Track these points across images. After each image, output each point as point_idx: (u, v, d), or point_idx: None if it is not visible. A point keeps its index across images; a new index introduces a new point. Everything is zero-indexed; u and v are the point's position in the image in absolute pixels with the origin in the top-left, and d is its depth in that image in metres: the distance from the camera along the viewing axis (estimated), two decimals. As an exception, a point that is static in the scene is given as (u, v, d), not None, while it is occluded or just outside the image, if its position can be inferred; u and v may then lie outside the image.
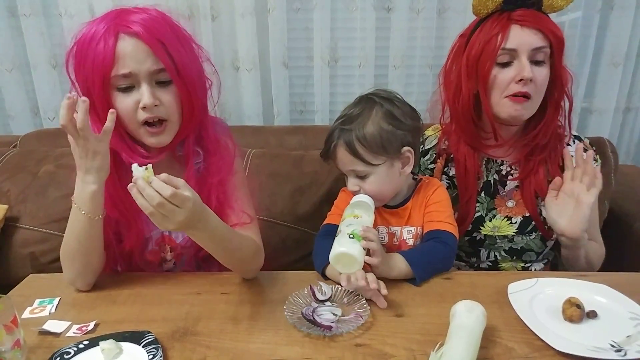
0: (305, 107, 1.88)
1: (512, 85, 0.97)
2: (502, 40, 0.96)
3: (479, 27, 1.00)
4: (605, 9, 1.72)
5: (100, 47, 0.80)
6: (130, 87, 0.83)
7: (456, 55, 1.05)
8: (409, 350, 0.73)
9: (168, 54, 0.82)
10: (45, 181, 1.45)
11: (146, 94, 0.82)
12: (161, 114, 0.85)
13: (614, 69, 1.78)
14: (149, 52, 0.81)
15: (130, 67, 0.81)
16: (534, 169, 1.08)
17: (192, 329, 0.80)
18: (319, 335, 0.77)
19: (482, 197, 1.12)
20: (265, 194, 1.44)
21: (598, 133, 1.73)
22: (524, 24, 0.95)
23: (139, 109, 0.83)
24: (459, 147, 1.10)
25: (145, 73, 0.82)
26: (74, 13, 1.68)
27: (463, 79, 1.02)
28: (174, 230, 0.78)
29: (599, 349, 0.70)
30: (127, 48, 0.81)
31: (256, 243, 0.95)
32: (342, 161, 0.98)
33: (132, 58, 0.81)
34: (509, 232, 1.11)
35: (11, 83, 1.79)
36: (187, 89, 0.86)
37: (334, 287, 0.89)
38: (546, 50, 0.97)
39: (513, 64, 0.97)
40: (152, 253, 1.01)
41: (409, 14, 1.71)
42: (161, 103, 0.85)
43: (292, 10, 1.73)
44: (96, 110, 0.84)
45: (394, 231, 1.04)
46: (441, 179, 1.16)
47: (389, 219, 1.05)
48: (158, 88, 0.85)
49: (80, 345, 0.74)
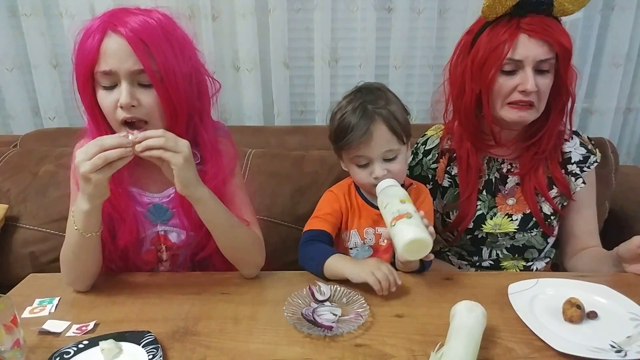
0: (305, 107, 1.89)
1: (515, 93, 0.98)
2: (509, 50, 0.95)
3: (486, 28, 0.99)
4: (606, 10, 1.73)
5: (88, 42, 0.81)
6: (113, 86, 0.84)
7: (462, 53, 1.05)
8: (409, 351, 0.73)
9: (151, 56, 0.81)
10: (46, 181, 1.45)
11: (124, 93, 0.82)
12: (140, 114, 0.85)
13: (615, 70, 1.78)
14: (131, 52, 0.81)
15: (110, 65, 0.81)
16: (534, 165, 1.08)
17: (192, 328, 0.80)
18: (319, 335, 0.77)
19: (484, 195, 1.13)
20: (266, 194, 1.44)
21: (599, 133, 1.73)
22: (532, 35, 0.94)
23: (118, 107, 0.84)
24: (462, 144, 1.11)
25: (125, 72, 0.82)
26: (74, 13, 1.68)
27: (467, 79, 1.02)
28: (190, 180, 0.82)
29: (599, 350, 0.70)
30: (111, 46, 0.81)
31: (255, 233, 0.98)
32: (378, 142, 0.96)
33: (113, 56, 0.81)
34: (510, 229, 1.11)
35: (12, 83, 1.79)
36: (168, 94, 0.85)
37: (333, 287, 0.89)
38: (552, 61, 0.97)
39: (517, 73, 0.97)
40: (148, 253, 1.01)
41: (410, 14, 1.72)
42: (140, 104, 0.84)
43: (293, 11, 1.73)
44: (86, 106, 0.86)
45: (380, 232, 1.04)
46: (444, 178, 1.16)
47: (377, 220, 1.03)
48: (139, 89, 0.84)
49: (80, 345, 0.74)
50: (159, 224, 0.98)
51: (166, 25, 0.86)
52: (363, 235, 1.05)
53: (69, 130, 1.65)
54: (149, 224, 0.98)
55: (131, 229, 0.95)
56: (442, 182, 1.16)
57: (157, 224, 0.98)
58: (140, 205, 0.97)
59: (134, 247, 0.98)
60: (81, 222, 0.83)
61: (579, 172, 1.09)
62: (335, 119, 1.01)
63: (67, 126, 1.81)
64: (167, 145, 0.78)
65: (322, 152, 1.50)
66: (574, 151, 1.10)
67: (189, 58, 0.89)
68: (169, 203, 0.98)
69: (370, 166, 0.98)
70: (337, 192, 1.08)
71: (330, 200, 1.07)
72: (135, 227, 0.96)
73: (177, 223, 0.98)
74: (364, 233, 1.05)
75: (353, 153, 0.98)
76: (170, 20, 0.88)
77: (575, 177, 1.09)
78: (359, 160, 0.99)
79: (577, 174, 1.09)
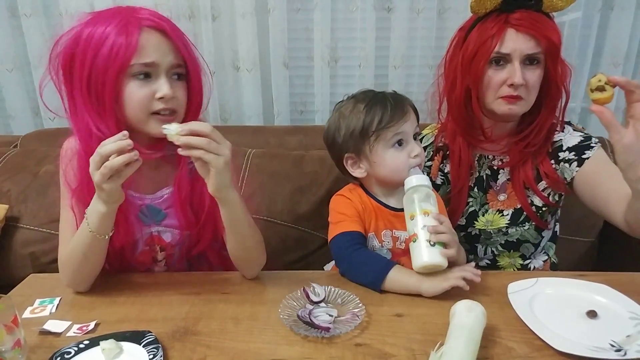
0: (305, 107, 1.89)
1: (504, 87, 0.99)
2: (496, 44, 0.97)
3: (477, 24, 1.00)
4: (606, 9, 1.72)
5: (121, 38, 0.81)
6: (147, 77, 0.85)
7: (455, 49, 1.06)
8: (409, 350, 0.73)
9: (187, 51, 0.88)
10: (46, 181, 1.45)
11: (166, 85, 0.85)
12: (175, 106, 0.88)
13: (614, 69, 1.78)
14: (172, 46, 0.85)
15: (153, 57, 0.83)
16: (522, 159, 1.08)
17: (193, 328, 0.80)
18: (316, 337, 0.77)
19: (475, 192, 1.13)
20: (265, 194, 1.44)
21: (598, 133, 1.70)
22: (520, 29, 0.95)
23: (155, 100, 0.85)
24: (455, 139, 1.12)
25: (167, 65, 0.85)
26: (74, 13, 1.68)
27: (458, 75, 1.03)
28: (225, 182, 0.81)
29: (599, 349, 0.70)
30: (152, 40, 0.84)
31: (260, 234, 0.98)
32: (412, 119, 0.97)
33: (156, 49, 0.84)
34: (501, 224, 1.11)
35: (12, 83, 1.79)
36: (195, 87, 0.91)
37: (327, 287, 0.88)
38: (539, 56, 0.98)
39: (506, 67, 0.98)
40: (143, 254, 1.01)
41: (409, 14, 1.72)
42: (175, 96, 0.87)
43: (293, 11, 1.74)
44: (102, 100, 0.85)
45: (398, 235, 1.00)
46: (437, 175, 1.16)
47: (394, 222, 1.00)
48: (174, 82, 0.88)
49: (81, 345, 0.74)
50: (152, 224, 0.98)
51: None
52: (381, 238, 1.00)
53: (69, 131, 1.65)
54: (142, 225, 0.98)
55: (126, 231, 0.95)
56: (436, 180, 1.17)
57: (150, 224, 0.98)
58: (133, 207, 0.96)
59: (129, 248, 0.98)
60: (96, 224, 0.83)
61: (573, 157, 1.05)
62: (353, 115, 0.97)
63: (68, 126, 1.80)
64: (209, 147, 0.76)
65: (322, 152, 1.49)
66: (569, 137, 1.07)
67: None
68: (162, 204, 0.98)
69: (408, 145, 0.96)
70: (348, 195, 1.02)
71: (346, 204, 1.00)
72: (129, 228, 0.95)
73: (171, 223, 0.98)
74: (382, 236, 1.00)
75: (394, 131, 0.94)
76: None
77: (569, 162, 1.05)
78: (400, 138, 0.95)
79: (571, 159, 1.05)
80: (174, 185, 0.97)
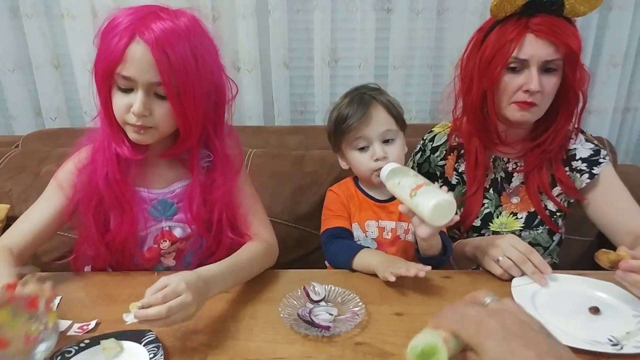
0: (305, 108, 1.89)
1: (519, 93, 0.98)
2: (515, 49, 0.95)
3: (496, 26, 0.99)
4: (604, 9, 1.73)
5: (114, 42, 0.81)
6: (129, 89, 0.85)
7: (472, 50, 1.05)
8: (409, 349, 0.74)
9: (172, 70, 0.81)
10: (47, 181, 1.44)
11: (138, 102, 0.83)
12: (148, 123, 0.86)
13: (613, 69, 1.79)
14: (153, 64, 0.80)
15: (131, 72, 0.82)
16: (538, 164, 1.08)
17: (193, 327, 0.80)
18: (317, 336, 0.77)
19: (490, 193, 1.13)
20: (266, 194, 1.44)
21: (597, 133, 1.73)
22: (539, 35, 0.94)
23: (130, 112, 0.85)
24: (471, 140, 1.11)
25: (144, 82, 0.83)
26: (75, 14, 1.69)
27: (475, 76, 1.03)
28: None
29: (595, 342, 0.70)
30: (136, 53, 0.81)
31: (264, 246, 0.99)
32: (377, 121, 0.99)
33: (136, 64, 0.81)
34: (515, 227, 1.11)
35: (13, 83, 1.79)
36: (183, 108, 0.85)
37: (327, 286, 0.89)
38: (558, 62, 0.97)
39: (523, 72, 0.97)
40: (150, 251, 1.00)
41: (409, 14, 1.72)
42: (151, 114, 0.85)
43: (293, 11, 1.74)
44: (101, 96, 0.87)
45: (383, 225, 1.05)
46: (452, 175, 1.16)
47: (379, 213, 1.07)
48: (154, 99, 0.85)
49: (82, 344, 0.74)
50: (163, 219, 0.99)
51: (193, 33, 0.85)
52: (364, 228, 1.06)
53: (71, 131, 1.65)
54: (153, 220, 0.98)
55: (132, 219, 0.94)
56: (451, 180, 1.17)
57: (161, 219, 0.99)
58: (145, 203, 0.97)
59: (134, 243, 0.98)
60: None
61: (585, 168, 1.08)
62: (332, 113, 1.07)
63: (69, 126, 1.81)
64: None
65: (322, 151, 1.50)
66: (581, 147, 1.09)
67: (211, 73, 0.89)
68: (174, 198, 0.98)
69: (370, 148, 1.00)
70: (336, 190, 1.12)
71: (333, 199, 1.10)
72: (136, 217, 0.95)
73: (182, 218, 0.99)
74: (365, 226, 1.06)
75: (353, 136, 1.01)
76: (197, 25, 0.88)
77: (581, 173, 1.08)
78: (358, 142, 1.01)
79: (583, 170, 1.08)
80: (192, 176, 0.97)
